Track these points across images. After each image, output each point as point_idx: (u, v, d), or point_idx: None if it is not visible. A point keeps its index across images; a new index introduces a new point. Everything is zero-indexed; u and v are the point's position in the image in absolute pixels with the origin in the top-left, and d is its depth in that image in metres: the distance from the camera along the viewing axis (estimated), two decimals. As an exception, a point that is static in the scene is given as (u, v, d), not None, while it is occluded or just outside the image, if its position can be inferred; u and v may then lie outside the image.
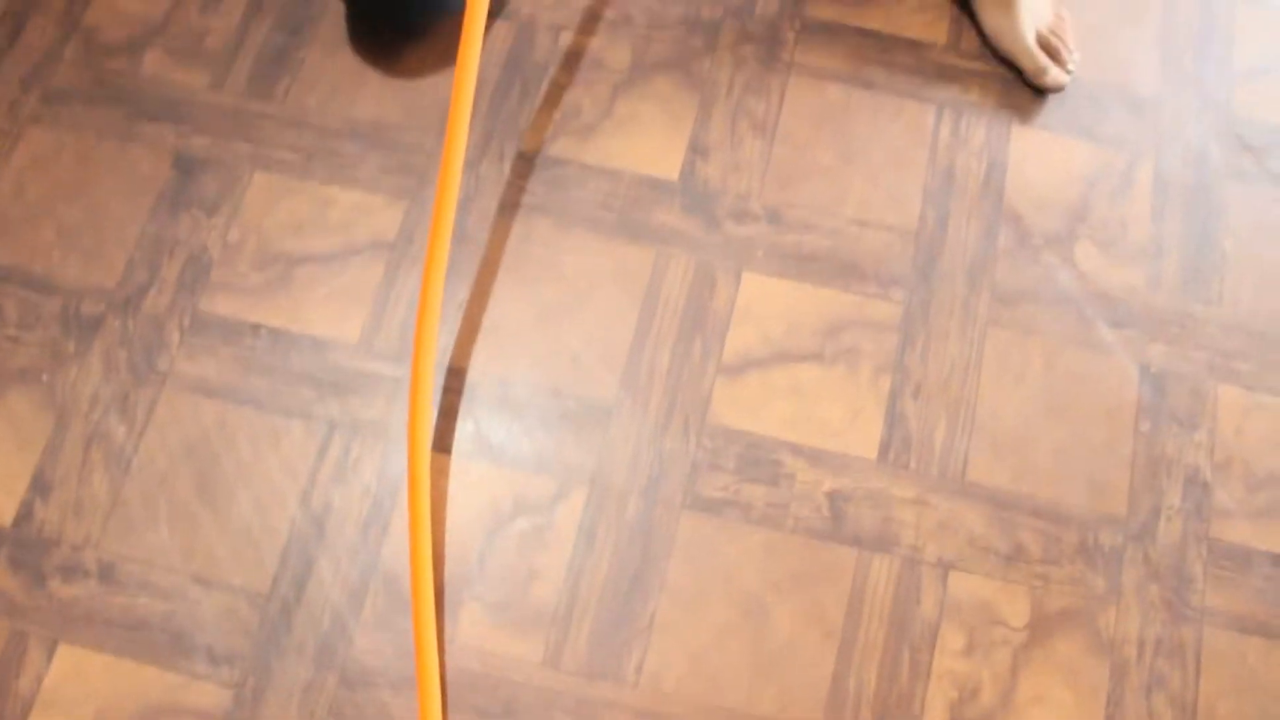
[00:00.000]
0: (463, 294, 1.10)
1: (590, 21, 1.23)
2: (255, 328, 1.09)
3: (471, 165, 1.15)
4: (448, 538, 1.02)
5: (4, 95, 1.18)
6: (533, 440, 1.05)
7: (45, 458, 1.05)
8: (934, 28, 1.25)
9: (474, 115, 1.18)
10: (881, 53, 1.23)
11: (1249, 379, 1.12)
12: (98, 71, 1.19)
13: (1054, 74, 1.20)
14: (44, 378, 1.07)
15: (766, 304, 1.11)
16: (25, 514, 1.03)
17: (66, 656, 0.98)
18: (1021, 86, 1.23)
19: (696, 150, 1.17)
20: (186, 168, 1.15)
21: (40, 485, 1.03)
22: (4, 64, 1.19)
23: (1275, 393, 1.12)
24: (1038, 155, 1.20)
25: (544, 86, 1.19)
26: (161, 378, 1.07)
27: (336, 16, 1.22)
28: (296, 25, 1.21)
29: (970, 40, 1.24)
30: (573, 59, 1.21)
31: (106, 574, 1.01)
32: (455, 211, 1.08)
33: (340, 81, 1.19)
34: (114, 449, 1.05)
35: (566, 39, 1.22)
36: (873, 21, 1.25)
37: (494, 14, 1.21)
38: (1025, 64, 1.20)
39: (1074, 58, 1.21)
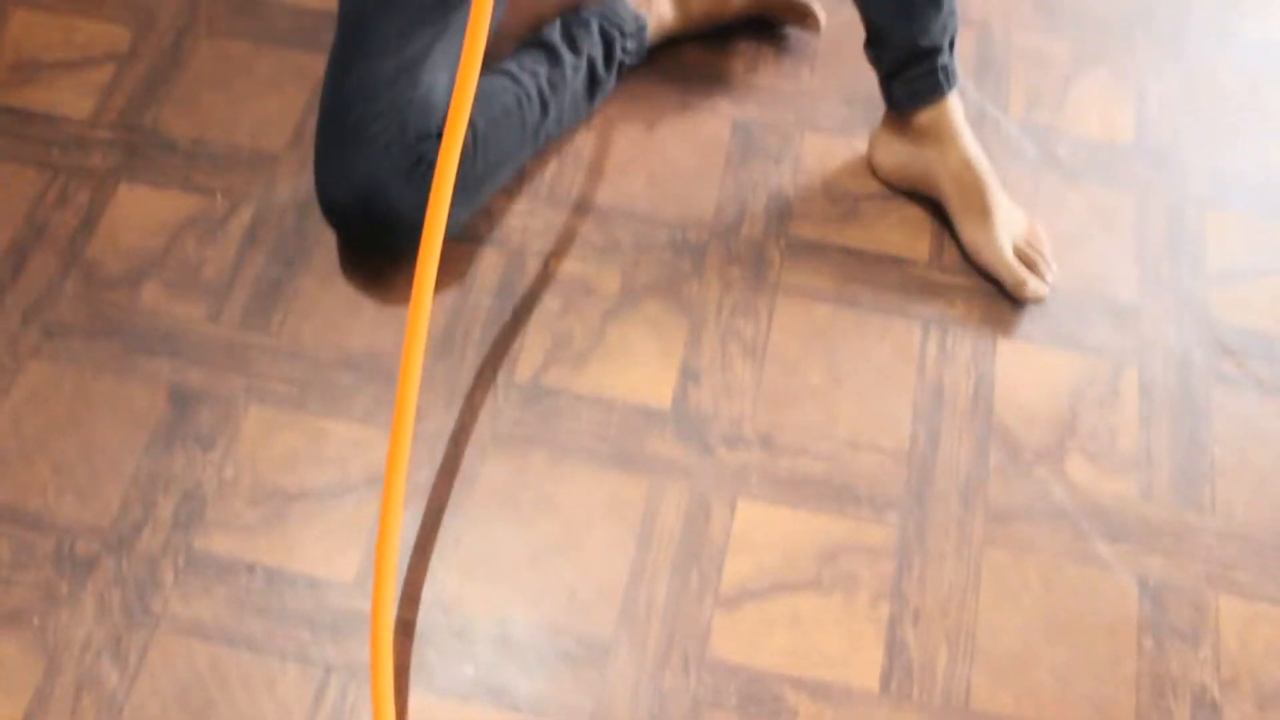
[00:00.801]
0: (458, 530, 1.10)
1: (579, 248, 1.26)
2: (250, 567, 1.08)
3: (465, 396, 1.17)
4: (445, 787, 1.00)
5: (5, 329, 1.19)
6: (531, 681, 1.04)
7: (34, 705, 1.03)
8: (916, 243, 1.28)
9: (466, 346, 1.19)
10: (866, 270, 1.26)
11: (1248, 589, 1.11)
12: (97, 305, 1.21)
13: (1033, 285, 1.22)
14: (35, 621, 1.06)
15: (762, 532, 1.11)
16: (12, 772, 1.00)
17: None
18: (1003, 299, 1.25)
19: (688, 375, 1.19)
20: (182, 402, 1.16)
21: (28, 740, 1.01)
22: (6, 298, 1.21)
23: (1276, 601, 1.11)
24: (1024, 368, 1.22)
25: (535, 314, 1.22)
26: (155, 620, 1.06)
27: (329, 246, 1.25)
28: (290, 256, 1.24)
29: (952, 254, 1.28)
30: (563, 286, 1.23)
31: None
32: (409, 446, 1.09)
33: (334, 311, 1.21)
34: (105, 695, 1.03)
35: (556, 265, 1.24)
36: (856, 239, 1.28)
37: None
38: (1005, 277, 1.23)
39: (1052, 268, 1.25)
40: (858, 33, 1.44)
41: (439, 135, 1.14)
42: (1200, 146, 1.40)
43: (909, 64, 1.21)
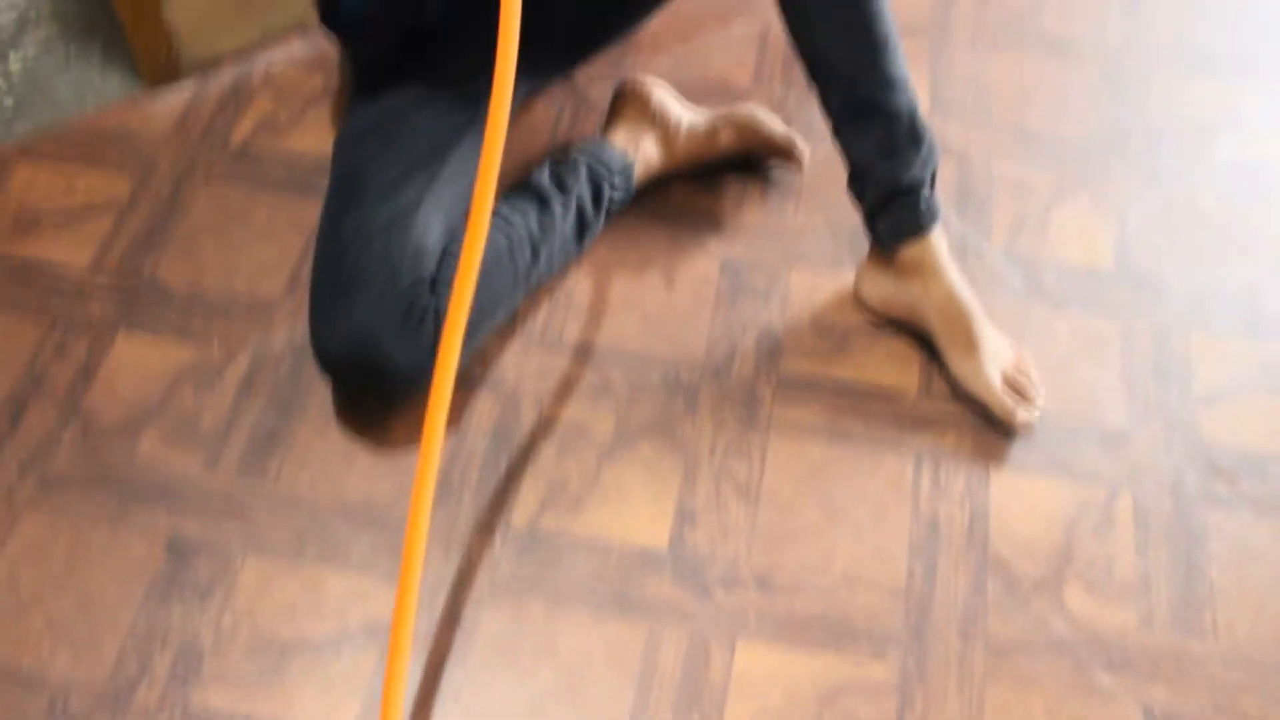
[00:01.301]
0: (458, 682, 1.09)
1: (573, 390, 1.27)
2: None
3: (462, 544, 1.17)
4: None
5: (2, 481, 1.20)
6: (532, 837, 1.02)
7: None
8: (905, 375, 1.30)
9: (463, 490, 1.20)
10: (857, 404, 1.27)
11: (1256, 714, 1.10)
12: (94, 455, 1.22)
13: (1023, 415, 1.24)
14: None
15: (762, 673, 1.10)
16: None
17: None
18: (994, 428, 1.26)
19: (684, 517, 1.19)
20: (179, 552, 1.16)
21: None
22: (4, 450, 1.22)
23: (1283, 729, 1.10)
24: (1018, 498, 1.22)
25: (530, 458, 1.22)
26: (149, 781, 1.04)
27: (325, 393, 1.26)
28: (286, 403, 1.25)
29: (941, 385, 1.29)
30: (558, 428, 1.24)
31: None
32: (418, 596, 1.09)
33: (331, 459, 1.22)
34: None
35: (550, 408, 1.26)
36: (845, 373, 1.30)
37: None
38: (994, 406, 1.24)
39: (1040, 397, 1.26)
40: (841, 167, 1.47)
41: (432, 281, 1.16)
42: (1181, 269, 1.43)
43: (891, 201, 1.24)
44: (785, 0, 1.20)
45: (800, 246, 1.41)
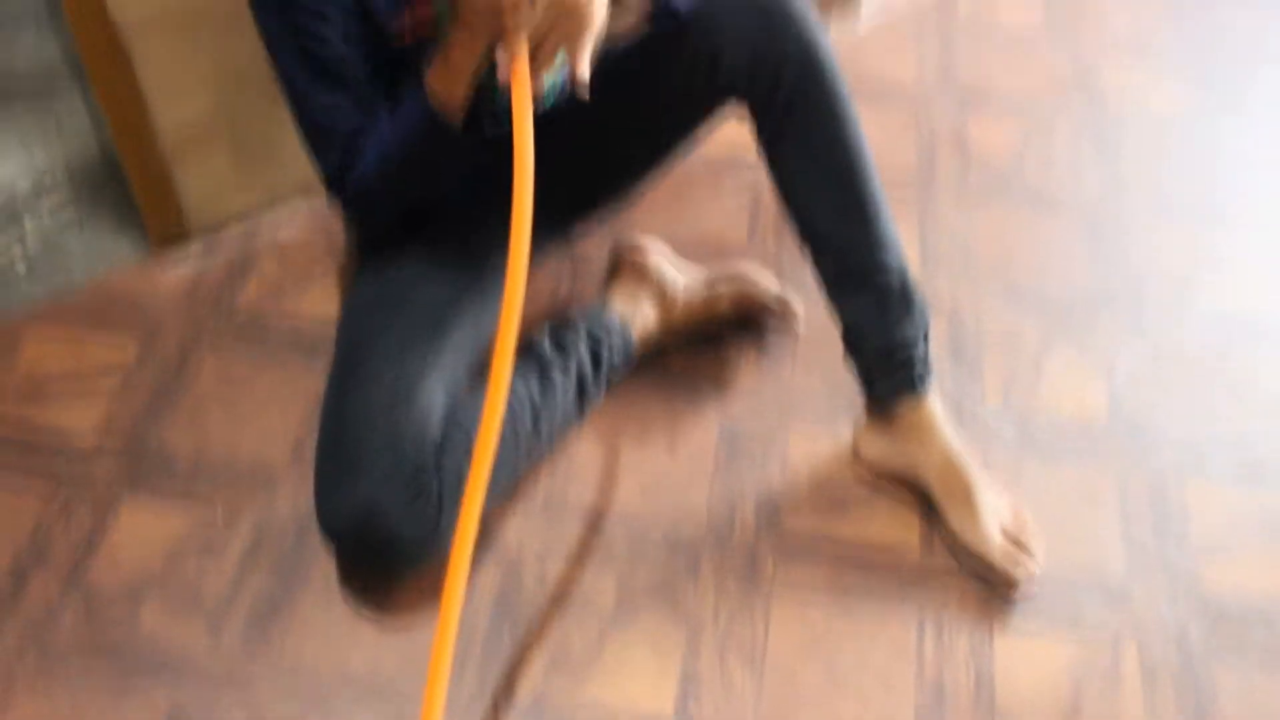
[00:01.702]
0: None
1: (575, 558, 1.28)
2: None
3: (465, 715, 1.16)
4: None
5: (1, 653, 1.19)
6: None
7: None
8: (905, 534, 1.31)
9: (467, 661, 1.20)
10: (858, 564, 1.28)
11: None
12: (96, 626, 1.21)
13: (1023, 571, 1.24)
14: None
15: None
16: None
17: None
18: (995, 586, 1.27)
19: (688, 686, 1.18)
20: (180, 730, 1.15)
21: None
22: (5, 620, 1.22)
23: None
24: (1022, 657, 1.22)
25: (534, 628, 1.22)
26: None
27: (329, 564, 1.26)
28: (290, 573, 1.26)
29: (941, 543, 1.30)
30: (560, 597, 1.24)
31: None
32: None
33: (335, 630, 1.21)
34: None
35: (553, 576, 1.26)
36: (846, 533, 1.31)
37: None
38: (994, 564, 1.25)
39: (1040, 553, 1.27)
40: (834, 326, 1.50)
41: (437, 455, 1.18)
42: (1173, 418, 1.45)
43: (886, 363, 1.26)
44: (776, 171, 1.25)
45: (798, 407, 1.43)
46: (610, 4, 1.11)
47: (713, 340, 1.49)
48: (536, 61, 1.06)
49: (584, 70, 1.06)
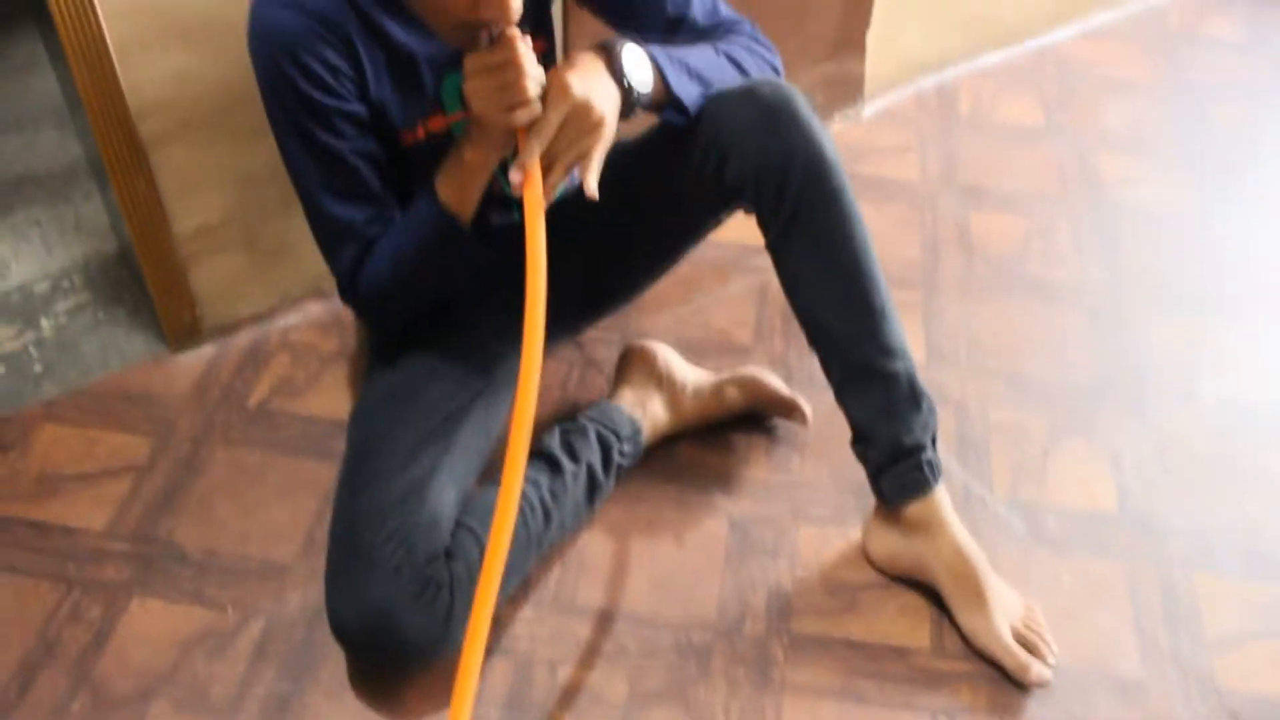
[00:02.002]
0: None
1: (586, 654, 1.28)
2: None
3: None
4: None
5: (6, 758, 1.18)
6: None
7: None
8: (916, 632, 1.30)
9: (477, 763, 1.19)
10: (869, 662, 1.27)
11: None
12: (103, 728, 1.21)
13: (1036, 669, 1.23)
14: None
15: None
16: None
17: None
18: (1008, 683, 1.26)
19: (700, 787, 1.17)
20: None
21: None
22: (12, 719, 1.21)
23: None
24: (1036, 756, 1.21)
25: (545, 727, 1.22)
26: None
27: (339, 660, 1.26)
28: (300, 670, 1.25)
29: (953, 640, 1.29)
30: (571, 694, 1.24)
31: None
32: None
33: (345, 730, 1.21)
34: None
35: (564, 673, 1.25)
36: (857, 631, 1.30)
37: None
38: (1007, 662, 1.24)
39: (1052, 649, 1.26)
40: (844, 418, 1.51)
41: (447, 555, 1.18)
42: (1181, 509, 1.45)
43: (894, 461, 1.27)
44: (783, 271, 1.27)
45: (807, 501, 1.44)
46: (620, 115, 1.14)
47: (721, 433, 1.50)
48: (549, 176, 1.09)
49: (593, 183, 1.09)
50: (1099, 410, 1.57)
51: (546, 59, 1.28)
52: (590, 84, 1.10)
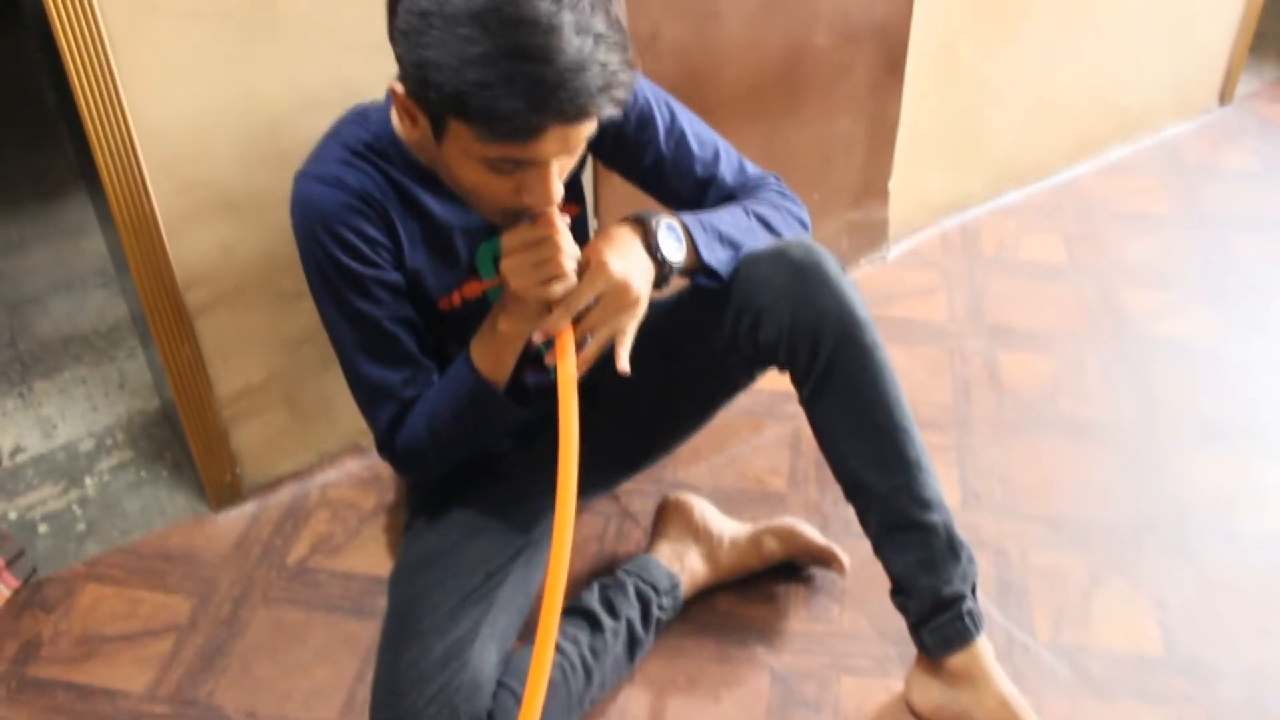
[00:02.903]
0: None
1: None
2: None
3: None
4: None
5: None
6: None
7: None
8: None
9: None
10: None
11: None
12: None
13: None
14: None
15: None
16: None
17: None
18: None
19: None
20: None
21: None
22: None
23: None
24: None
25: None
26: None
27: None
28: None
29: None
30: None
31: None
32: None
33: None
34: None
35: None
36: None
37: None
38: None
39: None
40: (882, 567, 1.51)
41: (489, 717, 1.18)
42: (1229, 651, 1.42)
43: (935, 613, 1.26)
44: (818, 427, 1.28)
45: (848, 652, 1.42)
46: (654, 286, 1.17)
47: (759, 583, 1.49)
48: (583, 350, 1.12)
49: (626, 359, 1.12)
50: (1140, 550, 1.55)
51: (578, 224, 1.32)
52: (628, 262, 1.13)
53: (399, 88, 1.06)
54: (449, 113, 1.01)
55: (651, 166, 1.31)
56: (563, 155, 1.05)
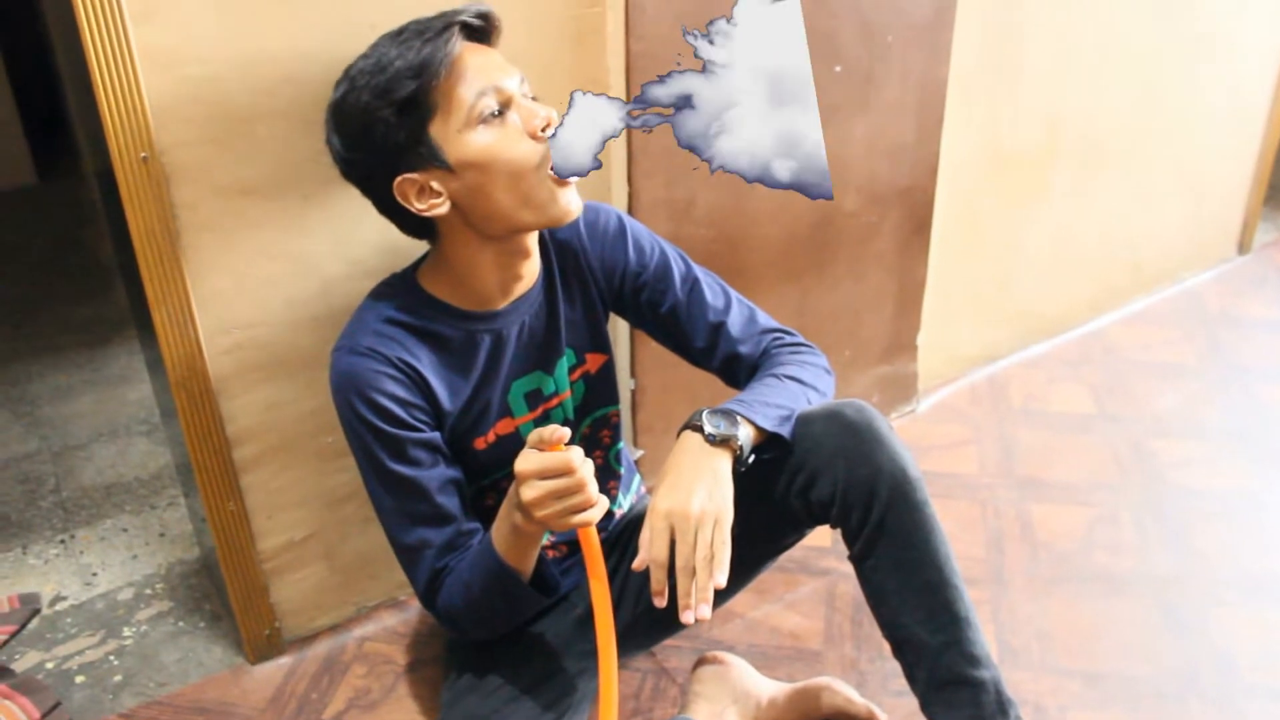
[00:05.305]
0: None
1: None
2: None
3: None
4: None
5: None
6: None
7: None
8: None
9: None
10: None
11: None
12: None
13: None
14: None
15: None
16: None
17: None
18: None
19: None
20: None
21: None
22: None
23: None
24: None
25: None
26: None
27: None
28: None
29: None
30: None
31: None
32: None
33: None
34: None
35: None
36: None
37: None
38: None
39: None
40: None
41: None
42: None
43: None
44: (868, 585, 1.28)
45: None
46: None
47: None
48: (685, 580, 1.16)
49: (723, 575, 1.16)
50: (1185, 708, 1.53)
51: (604, 370, 1.39)
52: (675, 492, 1.17)
53: (400, 181, 1.17)
54: (407, 116, 1.13)
55: (668, 313, 1.38)
56: (499, 72, 1.17)
